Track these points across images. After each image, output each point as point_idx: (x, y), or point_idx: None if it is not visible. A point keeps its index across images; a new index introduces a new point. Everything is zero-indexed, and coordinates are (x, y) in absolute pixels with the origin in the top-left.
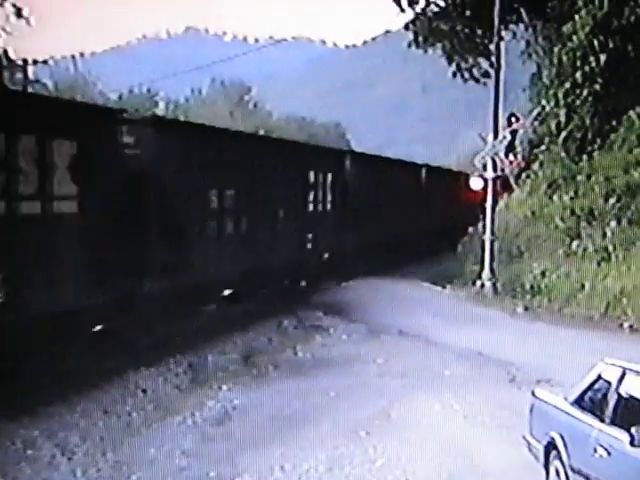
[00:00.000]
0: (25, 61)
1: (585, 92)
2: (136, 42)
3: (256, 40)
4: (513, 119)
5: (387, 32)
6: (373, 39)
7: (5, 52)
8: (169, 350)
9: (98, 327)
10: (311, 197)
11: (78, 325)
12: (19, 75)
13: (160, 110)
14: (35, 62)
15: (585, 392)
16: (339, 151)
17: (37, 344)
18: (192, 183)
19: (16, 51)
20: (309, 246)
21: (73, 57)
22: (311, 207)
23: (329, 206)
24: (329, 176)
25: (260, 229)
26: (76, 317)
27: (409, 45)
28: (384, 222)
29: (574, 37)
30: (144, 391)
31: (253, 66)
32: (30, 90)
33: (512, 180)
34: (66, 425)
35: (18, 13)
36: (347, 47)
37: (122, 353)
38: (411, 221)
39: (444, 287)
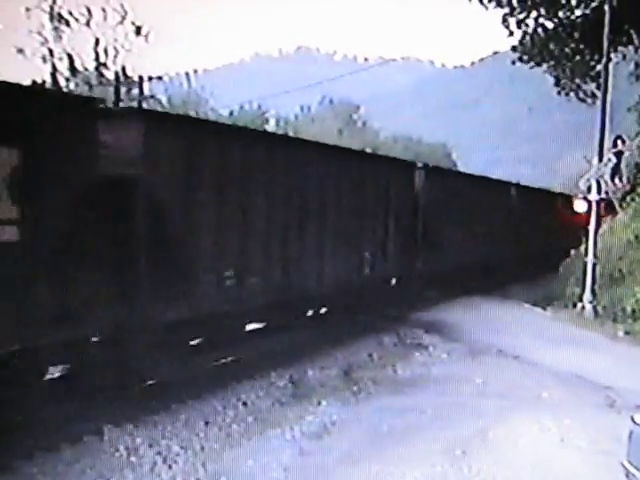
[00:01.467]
0: (141, 77)
1: None
2: (248, 60)
3: (365, 59)
4: (619, 141)
5: (495, 53)
6: (481, 60)
7: (123, 69)
8: (270, 364)
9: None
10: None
11: None
12: (135, 91)
13: (270, 127)
14: (150, 78)
15: None
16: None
17: None
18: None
19: (133, 67)
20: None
21: (187, 74)
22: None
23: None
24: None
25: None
26: None
27: (513, 63)
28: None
29: None
30: (244, 404)
31: (362, 85)
32: (145, 105)
33: (616, 203)
34: (168, 434)
35: (137, 31)
36: (455, 67)
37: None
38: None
39: (544, 308)
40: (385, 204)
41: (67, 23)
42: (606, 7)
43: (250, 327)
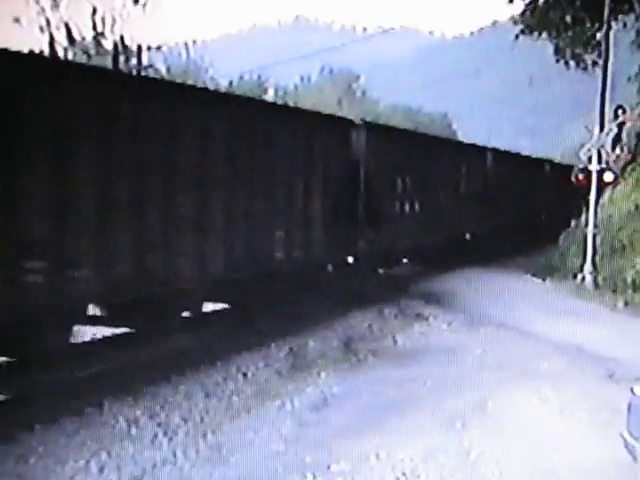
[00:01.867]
0: (140, 47)
1: None
2: (247, 31)
3: (364, 29)
4: (620, 111)
5: (494, 22)
6: (480, 30)
7: (121, 38)
8: (270, 334)
9: None
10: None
11: None
12: (134, 61)
13: (269, 96)
14: (149, 48)
15: None
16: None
17: None
18: None
19: (131, 37)
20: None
21: (186, 44)
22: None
23: None
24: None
25: None
26: None
27: (516, 37)
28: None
29: None
30: (245, 375)
31: (361, 55)
32: (144, 74)
33: (617, 173)
34: (168, 406)
35: (135, 0)
36: (454, 37)
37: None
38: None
39: (544, 279)
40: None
41: None
42: None
43: None
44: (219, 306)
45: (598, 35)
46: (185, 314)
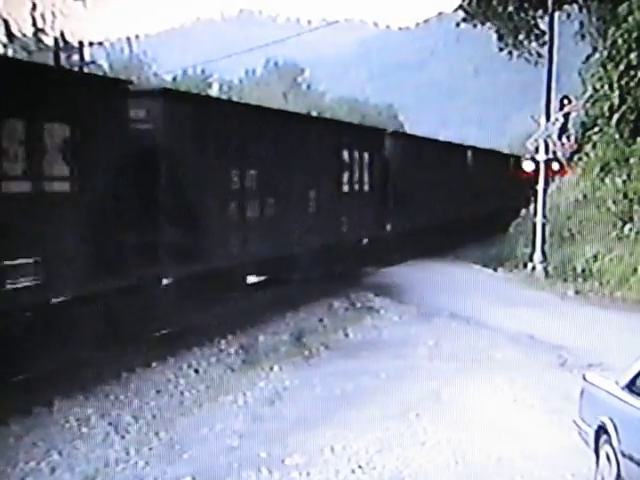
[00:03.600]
0: (81, 43)
1: (639, 74)
2: (190, 25)
3: (309, 22)
4: (566, 101)
5: (440, 14)
6: (425, 21)
7: (62, 34)
8: (221, 330)
9: None
10: None
11: None
12: (75, 57)
13: (214, 91)
14: (91, 44)
15: (637, 376)
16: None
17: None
18: None
19: (72, 33)
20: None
21: (128, 39)
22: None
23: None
24: None
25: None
26: None
27: (457, 25)
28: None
29: (629, 18)
30: (196, 371)
31: (306, 48)
32: (86, 70)
33: (564, 162)
34: (119, 404)
35: None
36: (400, 29)
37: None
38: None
39: (495, 270)
40: None
41: None
42: None
43: None
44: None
45: (542, 25)
46: None
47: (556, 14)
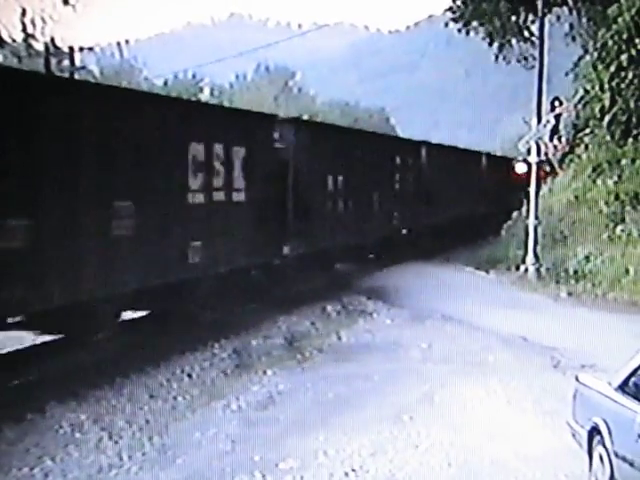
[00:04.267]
0: (72, 48)
1: (630, 75)
2: (181, 29)
3: (299, 26)
4: (557, 103)
5: (430, 16)
6: (416, 24)
7: (52, 39)
8: (214, 335)
9: None
10: None
11: None
12: (66, 62)
13: (205, 96)
14: (81, 49)
15: (629, 377)
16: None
17: None
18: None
19: (63, 38)
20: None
21: (119, 44)
22: None
23: None
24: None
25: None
26: None
27: (446, 25)
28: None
29: (619, 19)
30: (189, 376)
31: (297, 51)
32: (77, 77)
33: (556, 164)
34: (112, 409)
35: (65, 0)
36: (390, 32)
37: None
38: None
39: (487, 272)
40: None
41: None
42: None
43: None
44: None
45: (532, 27)
46: None
47: (546, 16)
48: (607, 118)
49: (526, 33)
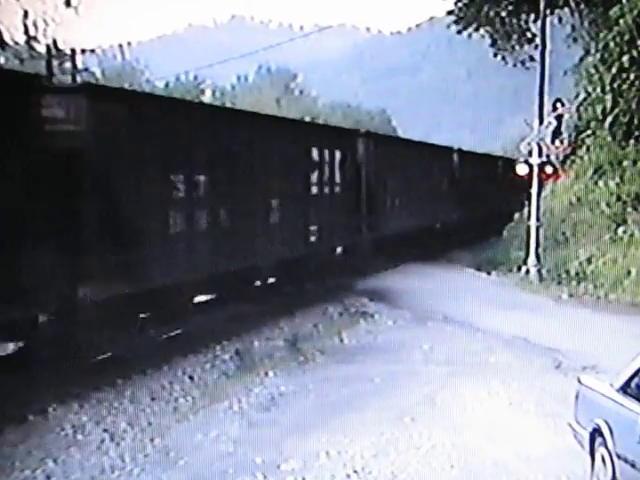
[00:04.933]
0: (73, 50)
1: (632, 76)
2: (182, 31)
3: (301, 27)
4: (559, 104)
5: (431, 18)
6: (417, 25)
7: (54, 42)
8: (215, 336)
9: None
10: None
11: None
12: (68, 64)
13: (207, 98)
14: (83, 51)
15: (631, 379)
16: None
17: None
18: None
19: (65, 41)
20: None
21: (120, 46)
22: None
23: None
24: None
25: None
26: None
27: (448, 26)
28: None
29: (621, 21)
30: (191, 378)
31: (299, 53)
32: (79, 79)
33: (558, 166)
34: (115, 411)
35: (67, 2)
36: (392, 34)
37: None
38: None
39: (489, 273)
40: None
41: None
42: None
43: None
44: None
45: (534, 28)
46: None
47: (548, 18)
48: (609, 119)
49: (528, 35)
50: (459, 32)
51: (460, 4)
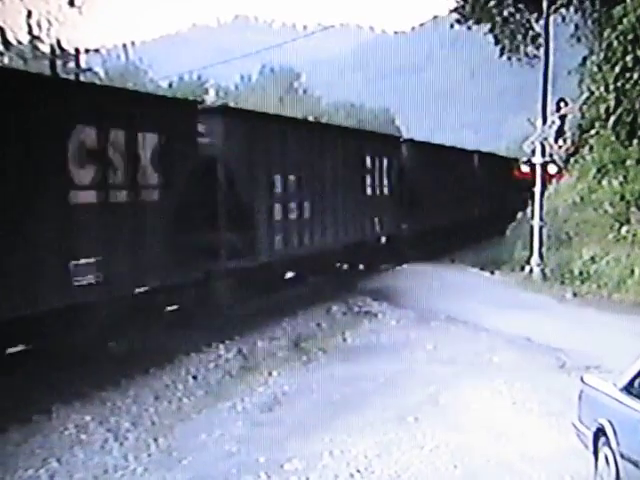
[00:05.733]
0: (77, 50)
1: (635, 76)
2: (186, 30)
3: (305, 27)
4: (562, 104)
5: (435, 17)
6: (421, 25)
7: (58, 41)
8: (219, 336)
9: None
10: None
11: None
12: (71, 64)
13: (210, 97)
14: (87, 51)
15: (635, 378)
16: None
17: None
18: None
19: (68, 40)
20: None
21: (124, 45)
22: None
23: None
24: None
25: None
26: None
27: (452, 26)
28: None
29: (624, 20)
30: (195, 377)
31: (302, 53)
32: (82, 78)
33: (561, 165)
34: (118, 410)
35: (71, 2)
36: (395, 33)
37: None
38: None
39: (492, 272)
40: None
41: None
42: None
43: None
44: None
45: (537, 28)
46: None
47: (551, 17)
48: (612, 119)
49: (532, 33)
50: (451, 26)
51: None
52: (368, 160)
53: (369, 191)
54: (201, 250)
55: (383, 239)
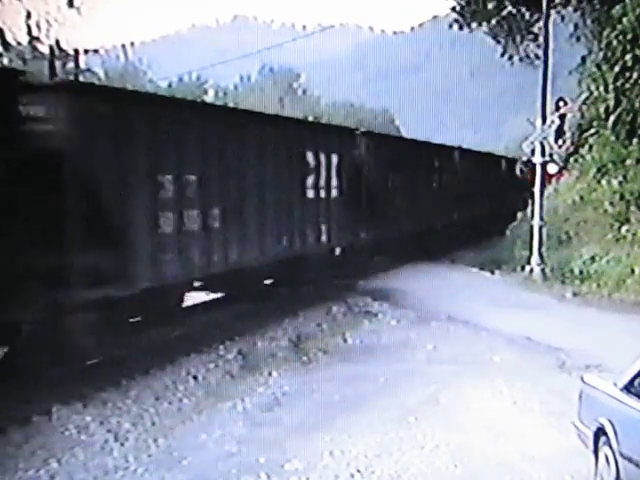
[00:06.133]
0: (77, 51)
1: (635, 75)
2: (185, 31)
3: (304, 27)
4: (561, 103)
5: (434, 17)
6: (420, 25)
7: (57, 42)
8: (219, 336)
9: None
10: None
11: None
12: (71, 65)
13: (209, 97)
14: (86, 51)
15: (635, 378)
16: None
17: None
18: None
19: (67, 41)
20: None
21: (123, 46)
22: None
23: None
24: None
25: None
26: None
27: (450, 26)
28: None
29: (624, 19)
30: (195, 377)
31: (301, 53)
32: (82, 79)
33: (561, 164)
34: (118, 411)
35: (70, 3)
36: (395, 33)
37: None
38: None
39: (493, 272)
40: None
41: None
42: None
43: None
44: None
45: (536, 27)
46: None
47: (551, 16)
48: (612, 118)
49: (532, 33)
50: (450, 26)
51: (463, 1)
52: (310, 156)
53: (311, 194)
54: (35, 278)
55: (337, 250)
